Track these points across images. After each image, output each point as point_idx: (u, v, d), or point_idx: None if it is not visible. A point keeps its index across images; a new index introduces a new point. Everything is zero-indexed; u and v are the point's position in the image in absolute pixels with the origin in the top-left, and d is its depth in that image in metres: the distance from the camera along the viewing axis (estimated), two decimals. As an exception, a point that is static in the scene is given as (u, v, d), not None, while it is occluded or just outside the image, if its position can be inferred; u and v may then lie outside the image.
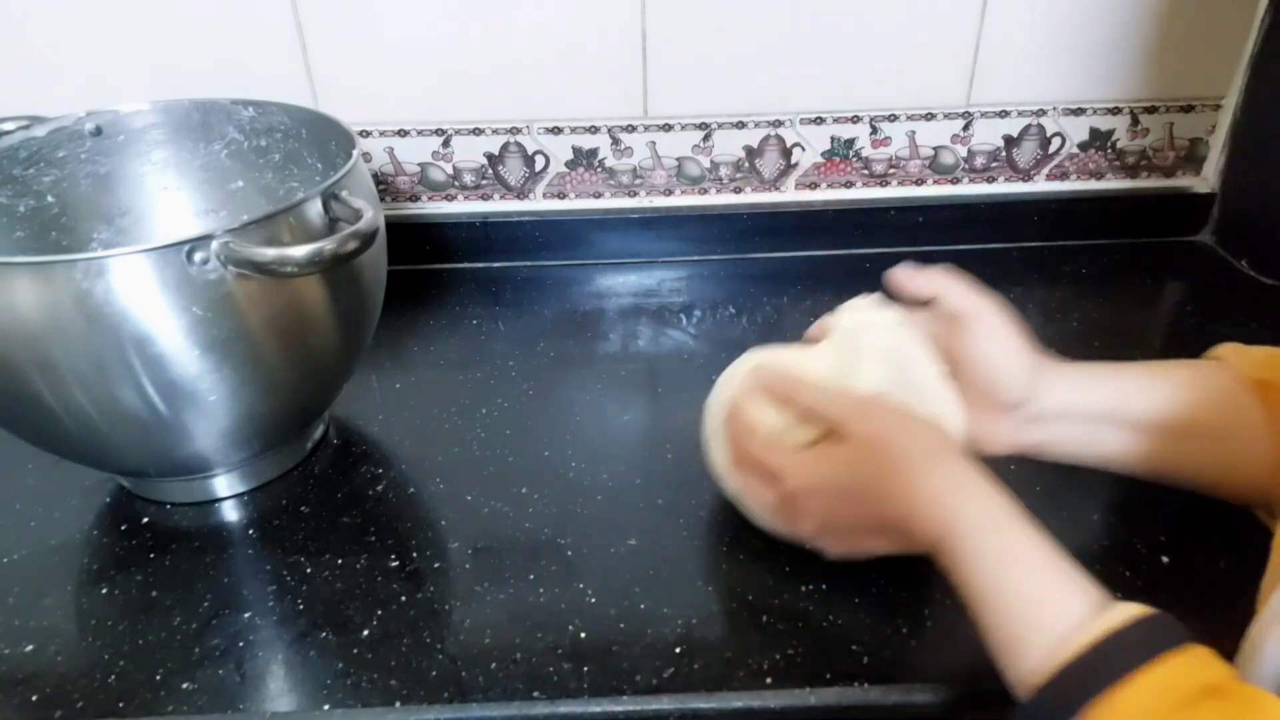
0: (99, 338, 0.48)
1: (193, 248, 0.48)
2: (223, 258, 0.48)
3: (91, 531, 0.60)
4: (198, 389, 0.52)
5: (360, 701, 0.49)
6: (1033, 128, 0.86)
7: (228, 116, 0.67)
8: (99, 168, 0.67)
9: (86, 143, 0.65)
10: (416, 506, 0.61)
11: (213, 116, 0.67)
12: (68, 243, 0.66)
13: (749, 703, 0.49)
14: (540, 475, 0.63)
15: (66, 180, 0.65)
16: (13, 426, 0.56)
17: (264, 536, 0.59)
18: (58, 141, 0.64)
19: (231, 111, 0.67)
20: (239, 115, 0.67)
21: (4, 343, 0.48)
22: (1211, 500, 0.61)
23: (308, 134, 0.66)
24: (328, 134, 0.64)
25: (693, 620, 0.53)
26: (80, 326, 0.48)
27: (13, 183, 0.63)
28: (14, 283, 0.47)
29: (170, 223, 0.69)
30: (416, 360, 0.75)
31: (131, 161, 0.68)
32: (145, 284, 0.48)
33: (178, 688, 0.50)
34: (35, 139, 0.63)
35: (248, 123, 0.67)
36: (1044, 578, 0.42)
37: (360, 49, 0.78)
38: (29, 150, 0.63)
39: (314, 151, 0.66)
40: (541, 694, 0.49)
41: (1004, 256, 0.88)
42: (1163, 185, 0.90)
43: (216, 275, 0.49)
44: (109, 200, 0.68)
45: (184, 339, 0.50)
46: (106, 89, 0.77)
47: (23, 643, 0.52)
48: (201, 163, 0.69)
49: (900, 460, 0.47)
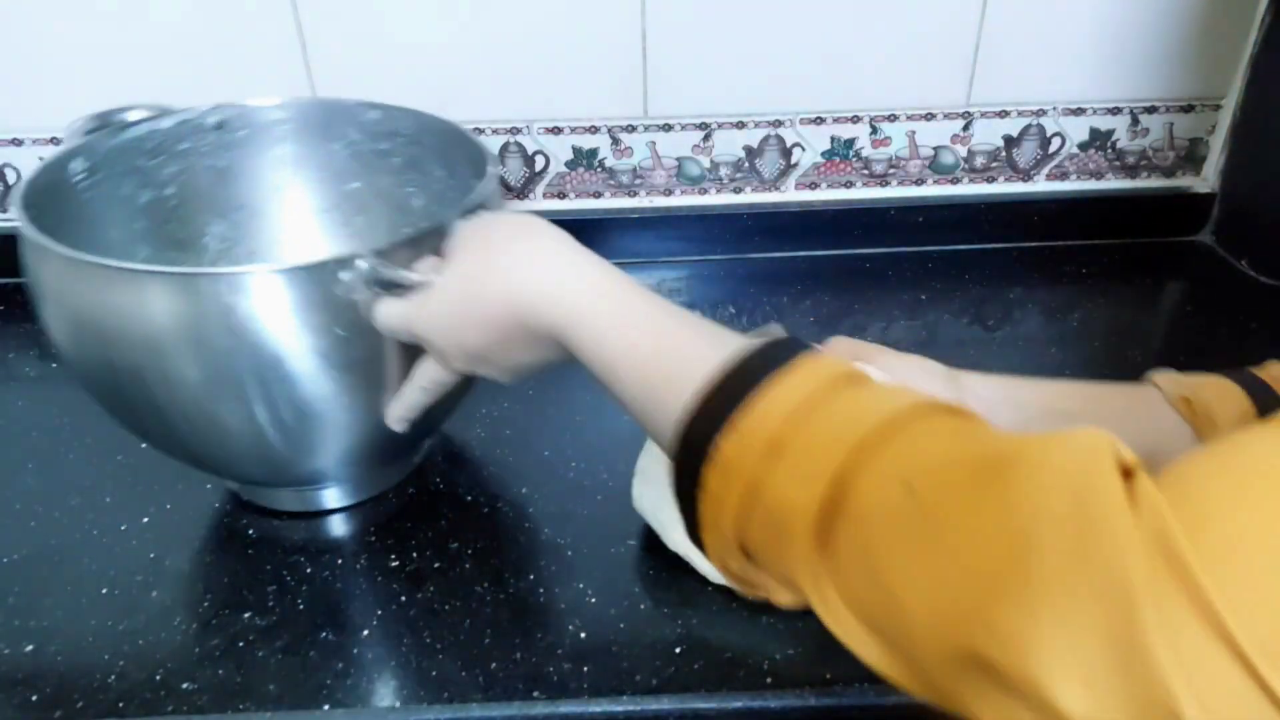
0: (236, 352, 0.47)
1: (338, 267, 0.47)
2: (368, 279, 0.47)
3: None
4: (328, 408, 0.51)
5: (360, 701, 0.49)
6: (1033, 128, 0.86)
7: (351, 117, 0.66)
8: (219, 161, 0.66)
9: (209, 136, 0.65)
10: (416, 507, 0.61)
11: (336, 116, 0.66)
12: (183, 235, 0.65)
13: (749, 703, 0.49)
14: (540, 475, 0.63)
15: (187, 173, 0.65)
16: (131, 425, 0.56)
17: (262, 537, 0.59)
18: (182, 134, 0.63)
19: (356, 112, 0.66)
20: (363, 116, 0.66)
21: (136, 350, 0.48)
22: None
23: (431, 141, 0.64)
24: (454, 144, 0.61)
25: (693, 620, 0.53)
26: (218, 340, 0.47)
27: (137, 174, 0.62)
28: (153, 291, 0.46)
29: (285, 219, 0.69)
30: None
31: (251, 156, 0.67)
32: (287, 302, 0.47)
33: (178, 688, 0.50)
34: (160, 130, 0.62)
35: (371, 125, 0.66)
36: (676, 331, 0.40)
37: (360, 48, 0.78)
38: (154, 142, 0.62)
39: (437, 160, 0.64)
40: (541, 694, 0.49)
41: (1004, 256, 0.88)
42: (1163, 185, 0.90)
43: (360, 296, 0.47)
44: (225, 194, 0.67)
45: (321, 358, 0.49)
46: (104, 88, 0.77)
47: (23, 643, 0.52)
48: (320, 161, 0.67)
49: (490, 251, 0.45)
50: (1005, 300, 0.83)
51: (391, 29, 0.77)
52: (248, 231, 0.68)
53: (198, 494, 0.62)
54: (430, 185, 0.66)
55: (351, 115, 0.66)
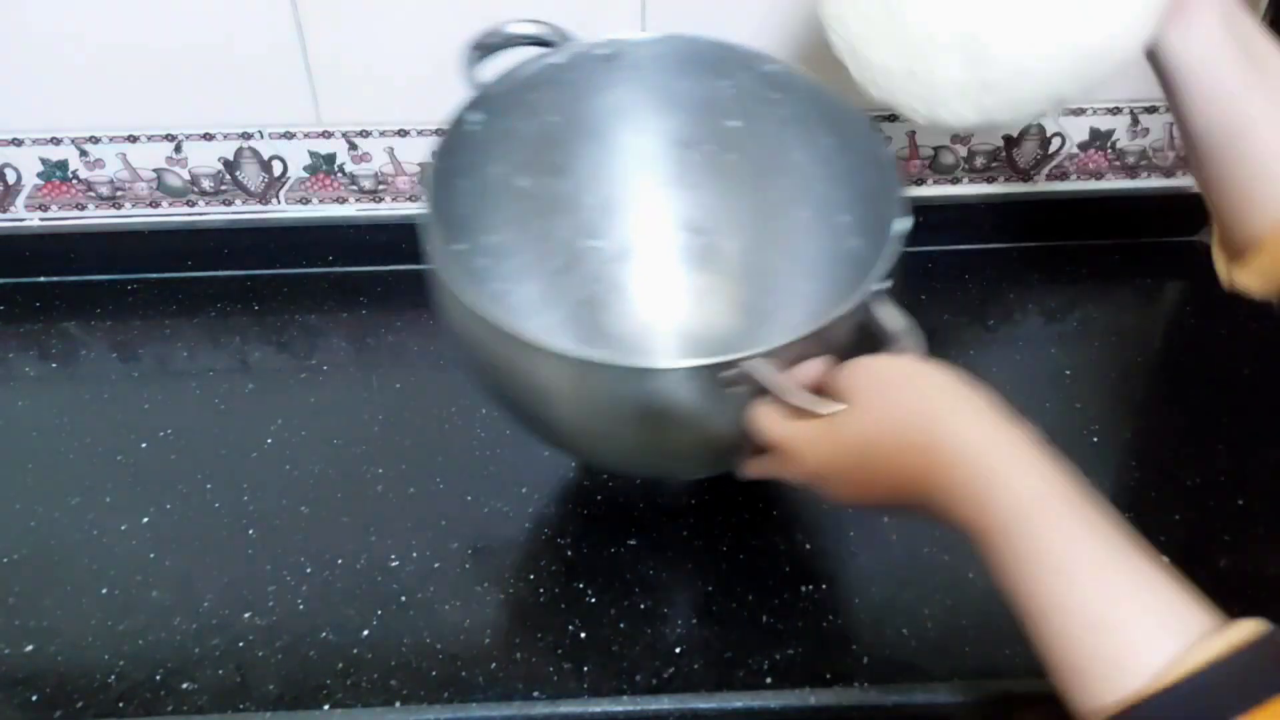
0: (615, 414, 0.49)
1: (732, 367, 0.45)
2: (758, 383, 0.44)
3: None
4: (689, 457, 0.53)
5: (360, 701, 0.49)
6: (1033, 128, 0.86)
7: (746, 63, 0.63)
8: (602, 91, 0.64)
9: (598, 67, 0.63)
10: (418, 506, 0.61)
11: (730, 59, 0.63)
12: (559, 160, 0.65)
13: (749, 703, 0.49)
14: (540, 475, 0.63)
15: (570, 103, 0.64)
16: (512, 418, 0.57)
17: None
18: (574, 66, 0.62)
19: (752, 60, 0.63)
20: (760, 66, 0.63)
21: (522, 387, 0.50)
22: (1211, 501, 0.61)
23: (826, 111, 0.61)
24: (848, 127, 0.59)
25: (693, 620, 0.53)
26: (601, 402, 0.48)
27: (524, 106, 0.61)
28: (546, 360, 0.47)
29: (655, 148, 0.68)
30: (416, 360, 0.75)
31: (635, 88, 0.65)
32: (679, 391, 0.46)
33: (178, 688, 0.50)
34: (552, 65, 0.61)
35: (766, 74, 0.63)
36: (1115, 590, 0.33)
37: (360, 49, 0.78)
38: (546, 76, 0.61)
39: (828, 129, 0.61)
40: (541, 694, 0.49)
41: (1004, 256, 0.88)
42: (1163, 185, 0.90)
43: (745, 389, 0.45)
44: (602, 122, 0.66)
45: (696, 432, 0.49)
46: (105, 88, 0.77)
47: (23, 643, 0.52)
48: (704, 96, 0.65)
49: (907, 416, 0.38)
50: (1005, 300, 0.83)
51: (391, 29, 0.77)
52: (617, 155, 0.67)
53: (198, 494, 0.62)
54: (815, 145, 0.63)
55: (746, 62, 0.63)
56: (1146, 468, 0.64)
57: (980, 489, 0.35)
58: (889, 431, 0.39)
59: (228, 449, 0.65)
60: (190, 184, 0.82)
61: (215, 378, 0.73)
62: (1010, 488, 0.35)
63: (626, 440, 0.51)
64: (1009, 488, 0.35)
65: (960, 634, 0.52)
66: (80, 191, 0.82)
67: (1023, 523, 0.34)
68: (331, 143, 0.81)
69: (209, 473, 0.63)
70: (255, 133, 0.80)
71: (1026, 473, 0.36)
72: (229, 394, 0.71)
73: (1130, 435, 0.67)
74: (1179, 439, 0.66)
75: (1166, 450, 0.65)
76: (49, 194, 0.82)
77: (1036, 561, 0.34)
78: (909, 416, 0.38)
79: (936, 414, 0.38)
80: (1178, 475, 0.63)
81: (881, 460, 0.39)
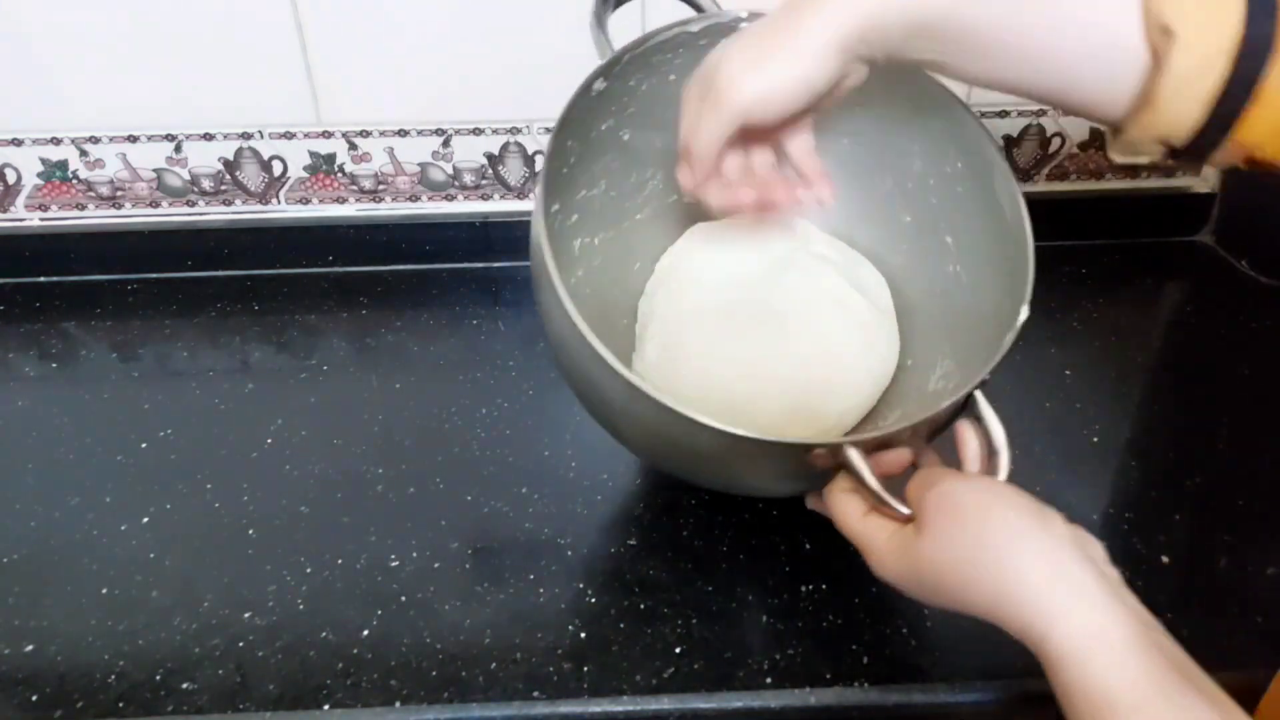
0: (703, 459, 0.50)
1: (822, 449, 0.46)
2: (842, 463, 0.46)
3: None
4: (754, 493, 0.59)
5: (360, 701, 0.49)
6: (1033, 128, 0.86)
7: None
8: None
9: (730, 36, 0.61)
10: (418, 506, 0.61)
11: None
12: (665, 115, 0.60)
13: (749, 703, 0.49)
14: (540, 475, 0.63)
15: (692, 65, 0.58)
16: None
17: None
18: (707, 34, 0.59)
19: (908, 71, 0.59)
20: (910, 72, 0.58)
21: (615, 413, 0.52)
22: (1211, 500, 0.61)
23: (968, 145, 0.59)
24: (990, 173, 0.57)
25: (692, 620, 0.53)
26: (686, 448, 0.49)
27: (647, 68, 0.60)
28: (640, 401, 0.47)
29: None
30: (416, 360, 0.75)
31: None
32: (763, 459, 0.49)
33: (178, 688, 0.50)
34: (689, 33, 0.59)
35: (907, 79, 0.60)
36: None
37: (360, 49, 0.78)
38: (680, 41, 0.59)
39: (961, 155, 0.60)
40: (541, 694, 0.49)
41: (1004, 256, 0.88)
42: (1163, 185, 0.90)
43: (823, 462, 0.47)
44: None
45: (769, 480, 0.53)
46: (105, 87, 0.77)
47: (23, 643, 0.52)
48: None
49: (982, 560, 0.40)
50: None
51: (392, 29, 0.77)
52: None
53: (198, 494, 0.62)
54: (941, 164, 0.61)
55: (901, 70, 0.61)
56: (1146, 468, 0.64)
57: (1042, 628, 0.38)
58: (959, 562, 0.41)
59: (228, 449, 0.65)
60: (190, 184, 0.82)
61: (215, 378, 0.73)
62: (1068, 629, 0.37)
63: (703, 473, 0.54)
64: (1068, 629, 0.37)
65: (960, 634, 0.52)
66: (80, 191, 0.82)
67: (1075, 664, 0.37)
68: (331, 143, 0.81)
69: (209, 473, 0.63)
70: (255, 133, 0.80)
71: (1085, 615, 0.38)
72: (229, 394, 0.71)
73: (1130, 435, 0.67)
74: (1179, 439, 0.66)
75: (1166, 450, 0.65)
76: (49, 194, 0.82)
77: (1084, 698, 0.36)
78: (978, 552, 0.41)
79: (1003, 553, 0.40)
80: (1178, 475, 0.63)
81: (949, 585, 0.42)
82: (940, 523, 0.42)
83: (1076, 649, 0.37)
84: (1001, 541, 0.40)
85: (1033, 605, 0.39)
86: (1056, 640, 0.37)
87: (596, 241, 0.64)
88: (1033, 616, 0.38)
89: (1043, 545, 0.40)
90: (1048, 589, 0.39)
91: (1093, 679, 0.36)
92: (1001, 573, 0.40)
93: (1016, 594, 0.39)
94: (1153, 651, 0.37)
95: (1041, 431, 0.66)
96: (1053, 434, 0.66)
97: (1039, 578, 0.39)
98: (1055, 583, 0.39)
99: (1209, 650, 0.51)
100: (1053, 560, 0.39)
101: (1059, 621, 0.38)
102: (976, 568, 0.41)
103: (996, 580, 0.40)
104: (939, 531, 0.42)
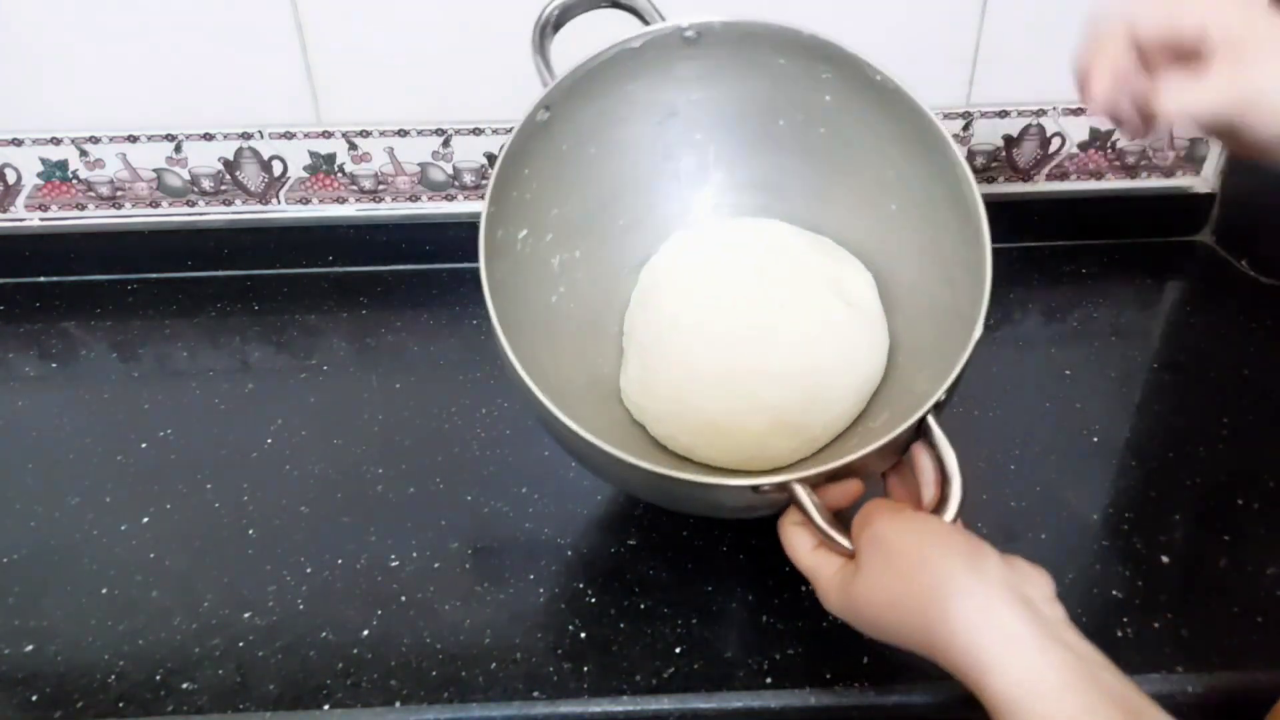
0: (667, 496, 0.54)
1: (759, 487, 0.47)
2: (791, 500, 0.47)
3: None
4: None
5: (360, 701, 0.49)
6: (1033, 128, 0.86)
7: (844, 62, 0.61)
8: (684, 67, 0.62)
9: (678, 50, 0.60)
10: (418, 506, 0.61)
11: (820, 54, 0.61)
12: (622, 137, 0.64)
13: (749, 703, 0.49)
14: (540, 475, 0.63)
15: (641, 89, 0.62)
16: None
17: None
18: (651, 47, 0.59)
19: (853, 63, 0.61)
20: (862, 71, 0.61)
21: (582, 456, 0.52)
22: (1211, 500, 0.61)
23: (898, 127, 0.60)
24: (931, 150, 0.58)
25: (693, 620, 0.53)
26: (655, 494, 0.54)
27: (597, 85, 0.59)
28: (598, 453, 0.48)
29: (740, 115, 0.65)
30: (416, 360, 0.75)
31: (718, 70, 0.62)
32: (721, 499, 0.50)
33: (178, 688, 0.50)
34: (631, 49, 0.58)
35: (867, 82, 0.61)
36: None
37: (360, 49, 0.78)
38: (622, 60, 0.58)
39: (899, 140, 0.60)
40: (541, 694, 0.49)
41: (1004, 256, 0.87)
42: (1163, 185, 0.90)
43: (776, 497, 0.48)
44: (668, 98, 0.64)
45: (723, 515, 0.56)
46: (105, 87, 0.77)
47: (23, 643, 0.52)
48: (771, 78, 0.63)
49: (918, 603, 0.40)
50: (1005, 300, 0.82)
51: (391, 29, 0.77)
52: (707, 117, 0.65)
53: (198, 494, 0.62)
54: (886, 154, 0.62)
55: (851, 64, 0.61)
56: (1146, 468, 0.64)
57: (976, 677, 0.38)
58: (891, 604, 0.42)
59: (228, 449, 0.65)
60: (190, 184, 0.82)
61: (215, 378, 0.73)
62: (1002, 679, 0.37)
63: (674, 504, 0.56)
64: (1001, 679, 0.37)
65: (960, 634, 0.52)
66: (80, 191, 0.82)
67: (1011, 713, 0.37)
68: (331, 143, 0.81)
69: (209, 473, 0.63)
70: (255, 133, 0.80)
71: (1017, 663, 0.37)
72: (229, 394, 0.71)
73: (1130, 435, 0.67)
74: (1179, 439, 0.66)
75: (1166, 450, 0.65)
76: (49, 194, 0.82)
77: None
78: (908, 599, 0.41)
79: (933, 599, 0.40)
80: (1178, 475, 0.63)
81: (885, 624, 0.42)
82: (874, 564, 0.42)
83: (1010, 699, 0.37)
84: (932, 587, 0.40)
85: (964, 654, 0.38)
86: (991, 690, 0.37)
87: (578, 255, 0.63)
88: (966, 666, 0.38)
89: (973, 590, 0.39)
90: (978, 638, 0.38)
91: None
92: (931, 620, 0.39)
93: (948, 642, 0.39)
94: (1092, 692, 0.36)
95: (1041, 431, 0.66)
96: (1053, 434, 0.66)
97: (968, 626, 0.39)
98: (985, 631, 0.38)
99: (1209, 650, 0.51)
100: (982, 607, 0.39)
101: (991, 672, 0.37)
102: (908, 612, 0.41)
103: (928, 626, 0.40)
104: (873, 572, 0.42)
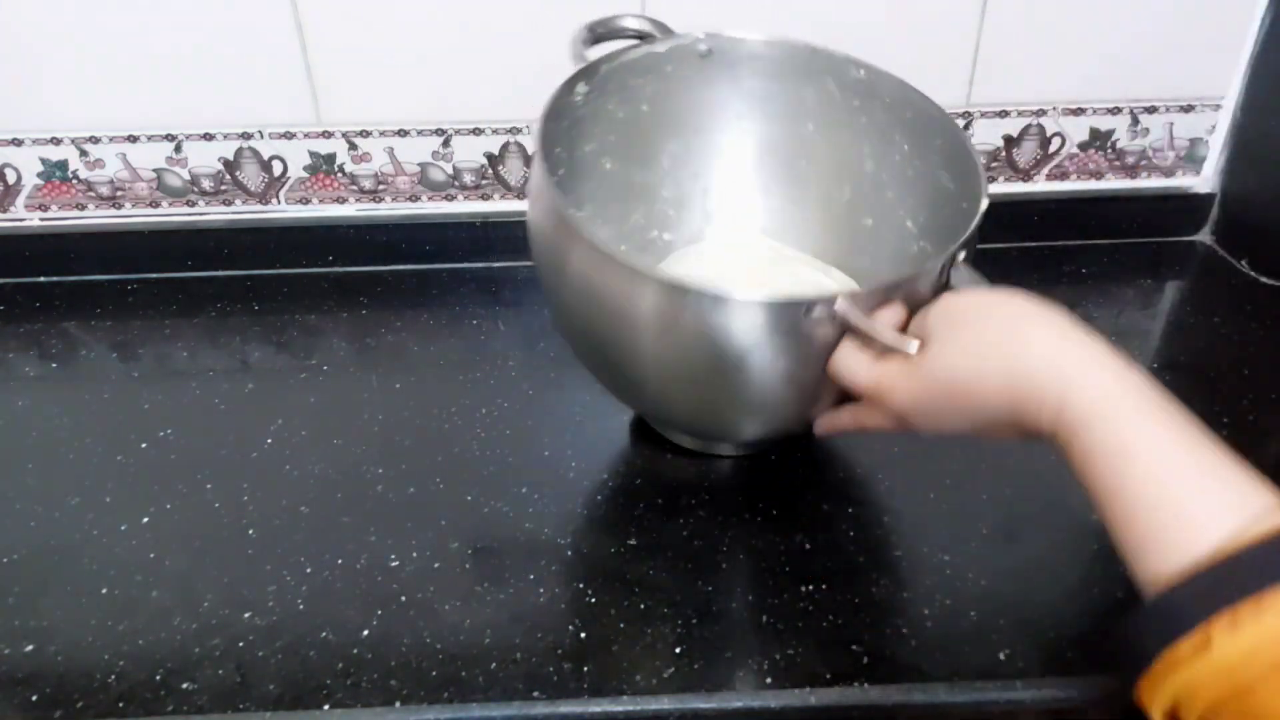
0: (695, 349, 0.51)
1: (815, 305, 0.47)
2: (840, 321, 0.47)
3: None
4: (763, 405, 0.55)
5: (360, 701, 0.49)
6: (1033, 128, 0.86)
7: (836, 68, 0.65)
8: (695, 85, 0.66)
9: (695, 62, 0.65)
10: (418, 506, 0.61)
11: (819, 64, 0.66)
12: (645, 151, 0.68)
13: (749, 703, 0.49)
14: (540, 475, 0.63)
15: (664, 93, 0.66)
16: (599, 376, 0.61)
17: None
18: (671, 57, 0.64)
19: (842, 66, 0.65)
20: (848, 73, 0.65)
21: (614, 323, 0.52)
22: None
23: (912, 118, 0.63)
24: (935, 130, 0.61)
25: (693, 620, 0.53)
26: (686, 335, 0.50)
27: (624, 91, 0.64)
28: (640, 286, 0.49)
29: (735, 148, 0.70)
30: (416, 360, 0.75)
31: (725, 85, 0.67)
32: (757, 325, 0.48)
33: (178, 688, 0.50)
34: (654, 54, 0.63)
35: (852, 82, 0.65)
36: (1178, 472, 0.36)
37: (360, 49, 0.78)
38: (647, 63, 0.64)
39: (908, 136, 0.64)
40: (541, 694, 0.49)
41: (1004, 256, 0.88)
42: (1163, 185, 0.90)
43: (825, 331, 0.48)
44: (691, 117, 0.68)
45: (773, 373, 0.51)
46: (102, 87, 0.77)
47: (23, 643, 0.52)
48: (787, 100, 0.68)
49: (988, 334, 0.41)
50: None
51: (391, 29, 0.77)
52: (698, 153, 0.70)
53: (198, 494, 0.62)
54: (889, 155, 0.65)
55: (837, 67, 0.65)
56: (1146, 468, 0.64)
57: (1058, 394, 0.38)
58: (973, 359, 0.42)
59: (228, 449, 0.65)
60: (190, 184, 0.82)
61: (215, 378, 0.73)
62: (1085, 389, 0.38)
63: (703, 380, 0.53)
64: (1084, 389, 0.38)
65: (960, 634, 0.52)
66: (80, 191, 0.82)
67: (1095, 419, 0.37)
68: (331, 143, 0.81)
69: (209, 473, 0.63)
70: (255, 133, 0.80)
71: (1099, 375, 0.38)
72: (229, 394, 0.71)
73: (1130, 435, 0.67)
74: (1179, 439, 0.66)
75: (1166, 450, 0.65)
76: (49, 194, 0.82)
77: (1107, 451, 0.37)
78: (989, 344, 0.42)
79: (1014, 336, 0.41)
80: (1178, 475, 0.63)
81: (968, 387, 0.42)
82: (944, 331, 0.43)
83: (1094, 411, 0.37)
84: (1007, 326, 0.41)
85: (1044, 374, 0.39)
86: (1073, 404, 0.38)
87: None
88: (1046, 387, 0.39)
89: (1049, 321, 0.41)
90: (1058, 356, 0.39)
91: (1113, 436, 0.37)
92: (1012, 353, 0.40)
93: (1027, 368, 0.39)
94: (1171, 402, 0.38)
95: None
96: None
97: (1048, 349, 0.40)
98: (1064, 350, 0.39)
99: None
100: (1058, 331, 0.40)
101: (1073, 385, 0.38)
102: (985, 358, 0.41)
103: (1006, 360, 0.40)
104: (945, 339, 0.43)
